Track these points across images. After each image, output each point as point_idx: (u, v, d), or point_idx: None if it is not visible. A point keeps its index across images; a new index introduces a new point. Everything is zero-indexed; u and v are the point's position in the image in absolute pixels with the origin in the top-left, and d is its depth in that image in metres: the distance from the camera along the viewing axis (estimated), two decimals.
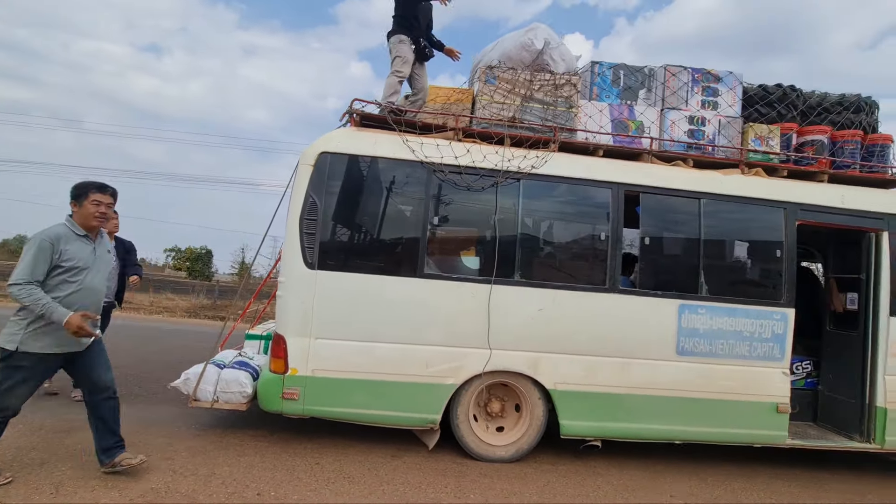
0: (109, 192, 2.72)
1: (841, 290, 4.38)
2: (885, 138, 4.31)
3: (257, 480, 2.91)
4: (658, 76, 4.21)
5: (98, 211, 2.64)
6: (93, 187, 2.66)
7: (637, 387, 3.65)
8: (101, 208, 2.65)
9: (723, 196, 3.85)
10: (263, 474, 3.00)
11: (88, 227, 2.65)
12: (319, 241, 3.45)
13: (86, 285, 2.62)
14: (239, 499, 2.68)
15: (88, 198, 2.63)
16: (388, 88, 3.94)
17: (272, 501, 2.69)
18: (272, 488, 2.83)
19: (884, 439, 3.85)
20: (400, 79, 3.93)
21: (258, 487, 2.82)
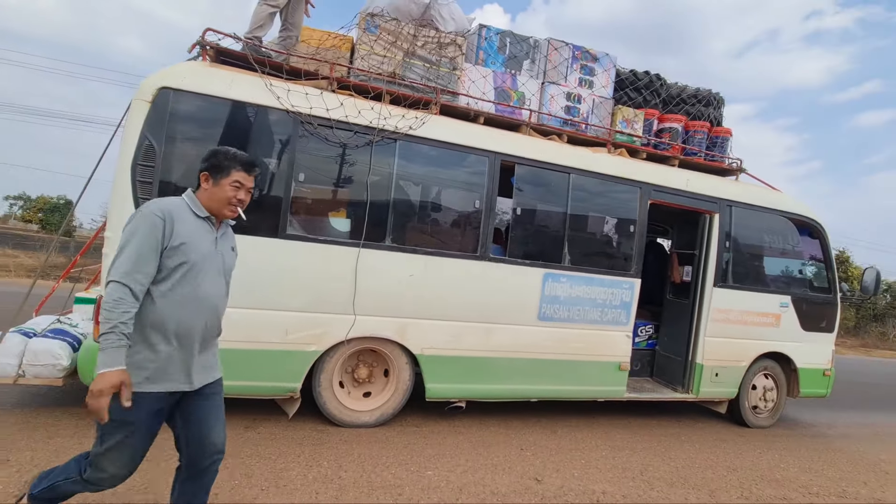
0: (255, 174, 1.88)
1: (681, 263, 5.00)
2: (725, 131, 4.88)
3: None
4: (542, 48, 4.26)
5: (236, 197, 1.82)
6: (239, 162, 1.82)
7: (500, 350, 3.82)
8: (241, 194, 1.83)
9: (590, 172, 4.08)
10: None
11: (218, 214, 1.83)
12: (158, 192, 2.98)
13: (199, 292, 1.74)
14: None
15: (230, 175, 1.79)
16: (255, 19, 3.46)
17: None
18: None
19: (699, 390, 4.55)
20: (272, 8, 3.45)
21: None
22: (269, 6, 3.47)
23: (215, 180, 1.79)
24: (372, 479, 2.80)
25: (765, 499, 3.25)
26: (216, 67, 3.23)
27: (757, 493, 3.31)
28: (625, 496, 3.02)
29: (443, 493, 2.76)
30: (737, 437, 4.55)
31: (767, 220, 4.86)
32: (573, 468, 3.33)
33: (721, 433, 4.59)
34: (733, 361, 4.66)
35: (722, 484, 3.40)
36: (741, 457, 3.99)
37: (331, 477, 2.77)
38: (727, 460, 3.87)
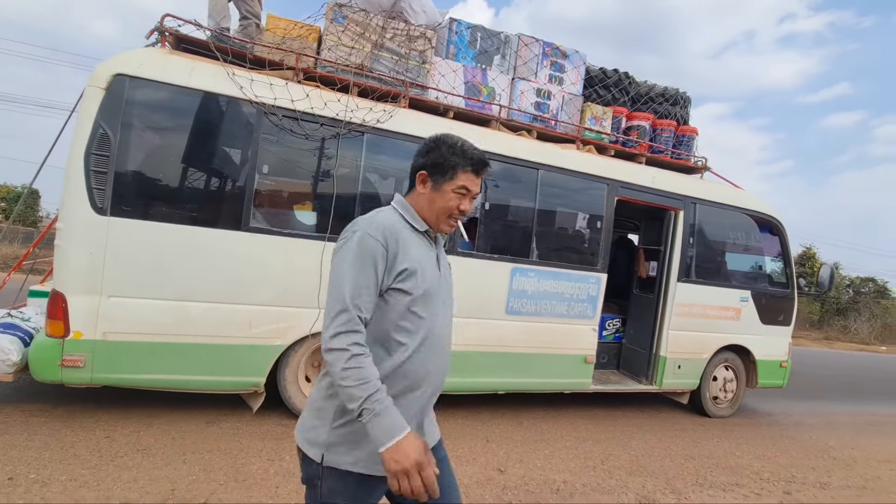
0: (483, 176, 1.37)
1: (648, 258, 5.12)
2: (691, 130, 5.00)
3: (14, 462, 2.45)
4: (512, 44, 4.27)
5: (461, 206, 1.33)
6: (469, 161, 1.31)
7: (468, 344, 3.85)
8: (466, 203, 1.34)
9: (558, 168, 4.13)
10: (26, 454, 2.54)
11: (435, 227, 1.36)
12: (113, 181, 2.89)
13: (434, 331, 1.31)
14: None
15: (458, 178, 1.31)
16: (214, 9, 3.38)
17: (28, 484, 2.28)
18: (34, 470, 2.41)
19: (662, 382, 4.68)
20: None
21: (13, 470, 2.37)
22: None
23: (436, 184, 1.32)
24: None
25: (718, 485, 3.38)
26: (176, 55, 3.14)
27: (711, 480, 3.44)
28: (584, 484, 3.10)
29: None
30: (697, 426, 4.71)
31: (730, 218, 5.01)
32: (536, 458, 3.40)
33: (682, 423, 4.75)
34: (695, 354, 4.82)
35: (679, 471, 3.52)
36: (699, 445, 4.14)
37: (292, 471, 2.75)
38: (685, 449, 4.01)
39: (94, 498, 2.25)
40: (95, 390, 3.18)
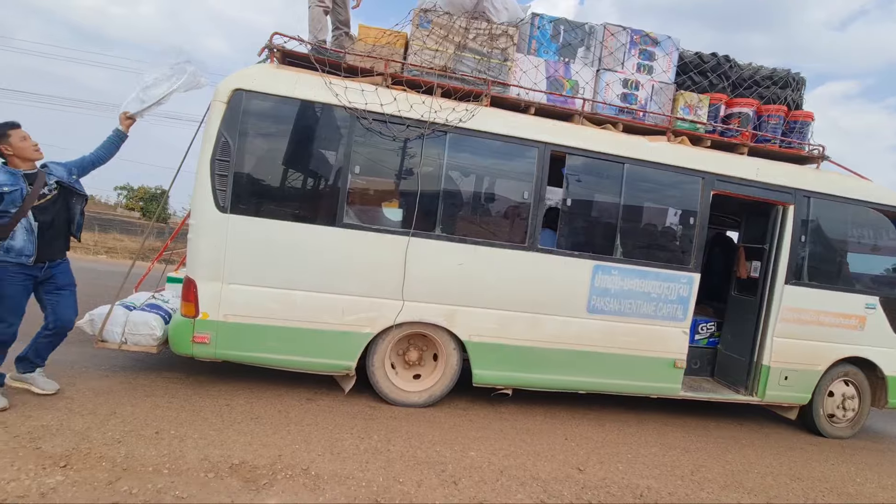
0: None
1: (749, 258, 4.68)
2: (805, 115, 4.47)
3: (159, 420, 2.94)
4: (597, 34, 4.14)
5: None
6: None
7: (548, 341, 3.84)
8: None
9: (646, 162, 3.94)
10: (168, 414, 3.03)
11: None
12: (232, 184, 3.32)
13: None
14: (136, 436, 2.70)
15: None
16: (313, 23, 3.72)
17: (170, 438, 2.73)
18: (173, 427, 2.87)
19: (764, 393, 4.27)
20: (323, 7, 3.70)
21: (158, 426, 2.85)
22: (320, 7, 3.73)
23: None
24: (418, 455, 2.97)
25: None
26: (282, 69, 3.51)
27: None
28: (671, 494, 2.96)
29: (484, 472, 2.87)
30: (807, 445, 4.23)
31: (853, 213, 4.41)
32: (618, 462, 3.31)
33: (789, 440, 4.29)
34: (806, 365, 4.32)
35: (782, 492, 3.21)
36: (809, 466, 3.73)
37: (380, 449, 2.97)
38: (792, 469, 3.64)
39: (219, 455, 2.63)
40: (217, 364, 3.67)
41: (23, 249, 2.79)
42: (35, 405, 2.91)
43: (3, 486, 2.12)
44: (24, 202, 2.76)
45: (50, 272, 2.96)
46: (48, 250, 2.91)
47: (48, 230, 2.88)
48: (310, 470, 2.62)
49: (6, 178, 2.75)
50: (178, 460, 2.53)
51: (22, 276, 2.82)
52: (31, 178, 2.84)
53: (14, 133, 2.79)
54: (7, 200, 2.73)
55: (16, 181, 2.76)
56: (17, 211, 2.74)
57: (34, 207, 2.81)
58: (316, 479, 2.55)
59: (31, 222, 2.80)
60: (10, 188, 2.73)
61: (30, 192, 2.79)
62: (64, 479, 2.23)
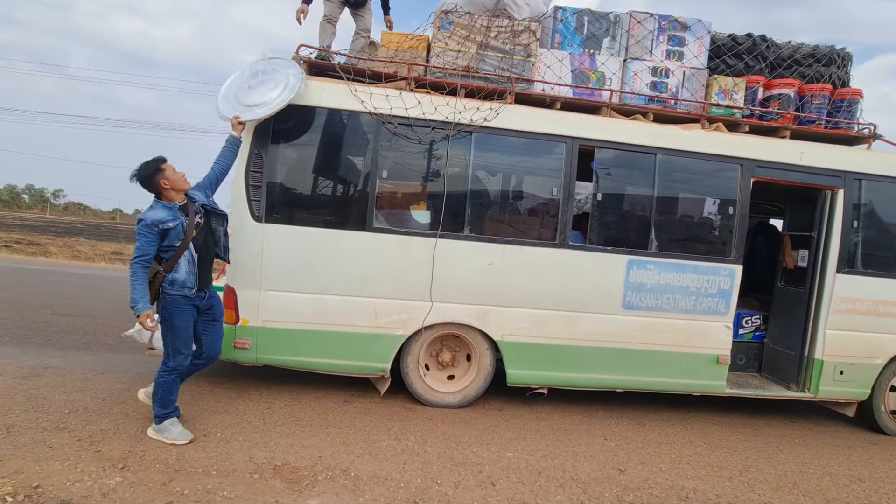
0: None
1: (796, 247, 4.44)
2: (853, 93, 4.20)
3: (206, 423, 3.06)
4: (623, 23, 4.03)
5: None
6: None
7: (582, 339, 3.77)
8: None
9: (679, 151, 3.80)
10: (214, 418, 3.16)
11: None
12: (266, 194, 3.43)
13: None
14: None
15: None
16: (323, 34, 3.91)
17: (217, 441, 2.84)
18: (219, 430, 2.99)
19: (818, 389, 4.04)
20: (329, 21, 3.87)
21: (205, 429, 2.98)
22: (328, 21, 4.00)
23: None
24: (454, 456, 2.98)
25: None
26: (309, 79, 3.59)
27: None
28: (719, 495, 2.85)
29: (522, 474, 2.85)
30: (869, 444, 3.97)
31: None
32: (661, 462, 3.21)
33: (847, 439, 4.04)
34: (864, 358, 4.06)
35: (842, 494, 3.03)
36: (871, 467, 3.50)
37: (417, 451, 3.00)
38: (852, 469, 3.42)
39: (263, 457, 2.73)
40: (258, 368, 3.81)
41: (186, 281, 2.74)
42: (95, 411, 3.10)
43: (68, 486, 2.27)
44: (185, 235, 2.72)
45: (209, 301, 2.95)
46: (206, 278, 2.88)
47: (205, 258, 2.86)
48: (349, 471, 2.67)
49: (167, 213, 2.69)
50: (225, 462, 2.63)
51: (191, 308, 2.81)
52: (185, 210, 2.78)
53: (167, 167, 2.74)
54: (172, 235, 2.68)
55: (175, 215, 2.71)
56: (180, 244, 2.70)
57: (193, 239, 2.77)
58: (356, 480, 2.60)
59: (192, 253, 2.77)
60: (173, 223, 2.68)
61: (188, 224, 2.75)
62: (122, 481, 2.36)
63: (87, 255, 13.79)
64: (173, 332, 2.77)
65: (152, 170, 2.71)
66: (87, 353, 4.35)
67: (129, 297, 2.62)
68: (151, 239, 2.63)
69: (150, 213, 2.67)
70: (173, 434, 2.76)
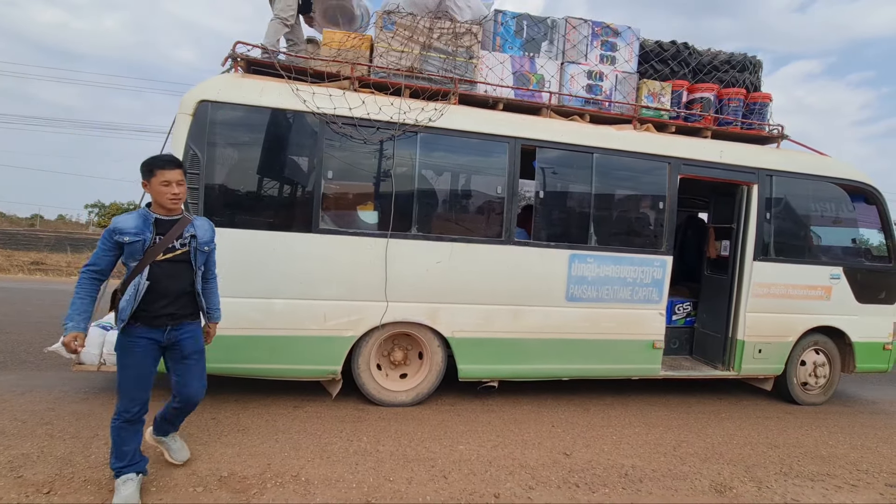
0: None
1: (720, 238, 4.84)
2: (764, 97, 4.63)
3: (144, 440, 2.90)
4: (560, 28, 4.21)
5: None
6: None
7: (529, 332, 3.92)
8: None
9: (614, 151, 4.03)
10: None
11: None
12: (204, 196, 3.29)
13: None
14: None
15: None
16: (271, 33, 3.73)
17: (155, 457, 2.71)
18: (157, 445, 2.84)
19: (741, 367, 4.43)
20: (285, 24, 3.72)
21: (143, 446, 2.81)
22: (282, 22, 3.78)
23: None
24: (407, 453, 3.01)
25: (806, 474, 3.18)
26: (247, 78, 3.49)
27: (798, 469, 3.24)
28: (654, 470, 3.06)
29: (473, 465, 2.93)
30: (783, 414, 4.41)
31: (814, 189, 4.59)
32: (603, 444, 3.40)
33: (766, 410, 4.47)
34: (778, 337, 4.50)
35: (760, 460, 3.35)
36: (785, 433, 3.89)
37: (369, 451, 3.00)
38: (769, 437, 3.79)
39: (207, 469, 2.63)
40: None
41: (122, 310, 2.27)
42: (13, 434, 2.85)
43: None
44: (144, 255, 2.26)
45: (175, 336, 2.40)
46: (162, 313, 2.32)
47: (163, 292, 2.32)
48: (300, 476, 2.64)
49: (135, 223, 2.26)
50: (166, 478, 2.52)
51: (144, 343, 2.31)
52: (165, 228, 2.32)
53: (162, 173, 2.28)
54: (127, 251, 2.25)
55: (143, 229, 2.27)
56: (136, 265, 2.26)
57: (154, 263, 2.28)
58: (306, 484, 2.57)
59: (143, 280, 2.27)
60: (132, 237, 2.23)
61: (154, 244, 2.28)
62: None
63: (1, 266, 12.54)
64: (119, 370, 2.32)
65: (145, 166, 2.31)
66: (4, 373, 3.98)
67: (58, 313, 2.43)
68: (106, 249, 2.24)
69: (121, 217, 2.29)
70: (121, 496, 2.24)
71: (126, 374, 2.30)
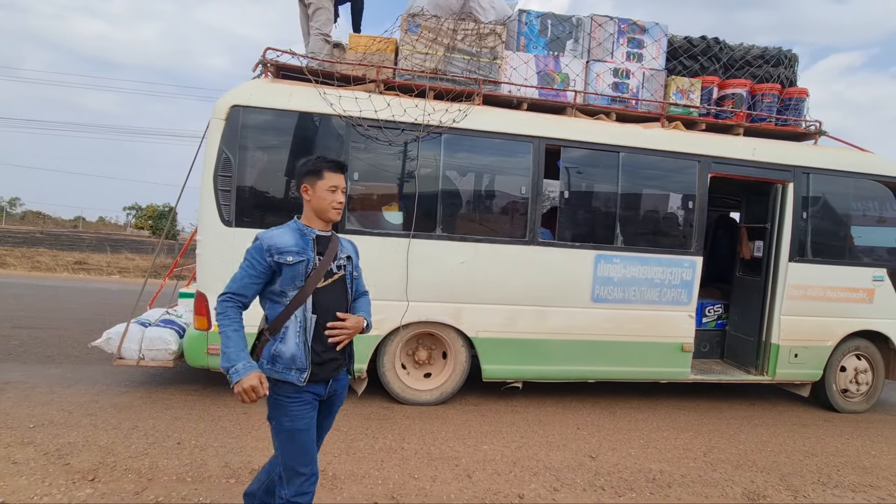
0: None
1: (753, 238, 4.68)
2: (800, 92, 4.46)
3: (180, 431, 3.03)
4: (585, 26, 4.17)
5: None
6: None
7: (554, 333, 3.89)
8: None
9: (640, 149, 3.96)
10: (188, 425, 3.13)
11: None
12: (235, 198, 3.41)
13: None
14: (159, 448, 2.80)
15: None
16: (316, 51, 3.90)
17: (191, 448, 2.82)
18: (193, 437, 2.96)
19: (775, 372, 4.27)
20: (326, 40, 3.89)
21: (179, 437, 2.95)
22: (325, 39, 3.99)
23: None
24: (431, 451, 3.04)
25: (846, 485, 3.04)
26: (277, 82, 3.59)
27: (837, 479, 3.11)
28: (683, 476, 2.99)
29: (498, 465, 2.93)
30: (822, 421, 4.23)
31: (855, 186, 4.40)
32: (630, 447, 3.34)
33: (802, 417, 4.29)
34: (815, 341, 4.32)
35: (796, 468, 3.23)
36: (823, 442, 3.73)
37: (394, 448, 3.04)
38: (806, 445, 3.64)
39: (239, 462, 2.72)
40: None
41: (294, 358, 1.71)
42: (61, 424, 3.02)
43: (36, 501, 2.22)
44: (307, 280, 1.72)
45: (333, 389, 1.85)
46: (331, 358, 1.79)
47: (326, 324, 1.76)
48: (327, 471, 2.69)
49: (294, 240, 1.73)
50: (201, 468, 2.62)
51: (309, 400, 1.75)
52: (323, 245, 1.79)
53: (329, 177, 1.76)
54: (287, 276, 1.70)
55: (304, 248, 1.73)
56: (297, 294, 1.71)
57: (316, 291, 1.74)
58: (333, 479, 2.62)
59: (307, 315, 1.73)
60: (295, 257, 1.70)
61: (317, 266, 1.74)
62: (93, 492, 2.32)
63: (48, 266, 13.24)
64: (283, 438, 1.74)
65: (311, 167, 1.79)
66: (52, 367, 4.22)
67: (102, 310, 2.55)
68: (256, 274, 1.70)
69: (272, 233, 1.74)
70: None
71: (295, 445, 1.72)
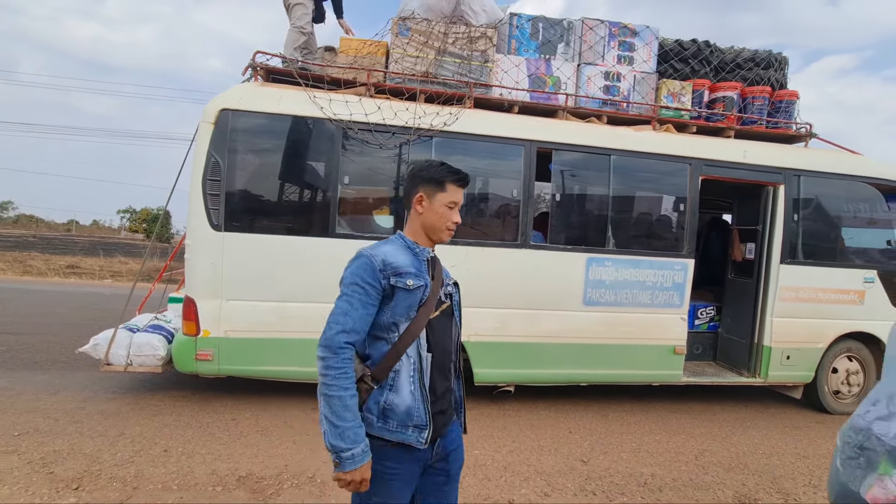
0: None
1: (744, 240, 4.69)
2: (790, 94, 4.48)
3: (167, 438, 3.00)
4: (576, 30, 4.17)
5: None
6: None
7: (546, 336, 3.87)
8: None
9: (632, 152, 3.97)
10: (175, 432, 3.09)
11: None
12: (224, 202, 3.38)
13: None
14: (145, 455, 2.76)
15: None
16: (290, 43, 3.79)
17: (178, 455, 2.79)
18: (181, 444, 2.93)
19: (767, 374, 4.28)
20: (302, 32, 3.78)
21: (166, 444, 2.91)
22: (300, 32, 3.84)
23: None
24: None
25: None
26: (266, 86, 3.57)
27: None
28: (675, 479, 2.98)
29: (488, 470, 2.91)
30: (814, 423, 4.23)
31: (845, 188, 4.41)
32: (622, 451, 3.33)
33: (794, 420, 4.30)
34: (807, 343, 4.33)
35: (788, 471, 3.22)
36: (815, 444, 3.73)
37: None
38: (797, 447, 3.64)
39: (226, 469, 2.69)
40: (222, 380, 3.74)
41: (410, 412, 1.32)
42: (46, 431, 2.98)
43: None
44: (423, 307, 1.37)
45: (442, 449, 1.43)
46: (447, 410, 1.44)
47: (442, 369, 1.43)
48: (315, 478, 2.67)
49: (409, 259, 1.40)
50: (187, 476, 2.58)
51: (412, 467, 1.36)
52: (433, 271, 1.46)
53: (452, 191, 1.42)
54: (402, 302, 1.35)
55: (421, 271, 1.40)
56: (411, 325, 1.35)
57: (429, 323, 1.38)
58: (322, 486, 2.60)
59: (422, 352, 1.37)
60: (415, 282, 1.36)
61: (432, 291, 1.40)
62: (77, 501, 2.29)
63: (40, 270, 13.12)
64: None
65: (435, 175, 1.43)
66: (39, 373, 4.16)
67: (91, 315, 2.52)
68: (372, 299, 1.33)
69: (382, 248, 1.40)
70: None
71: None
